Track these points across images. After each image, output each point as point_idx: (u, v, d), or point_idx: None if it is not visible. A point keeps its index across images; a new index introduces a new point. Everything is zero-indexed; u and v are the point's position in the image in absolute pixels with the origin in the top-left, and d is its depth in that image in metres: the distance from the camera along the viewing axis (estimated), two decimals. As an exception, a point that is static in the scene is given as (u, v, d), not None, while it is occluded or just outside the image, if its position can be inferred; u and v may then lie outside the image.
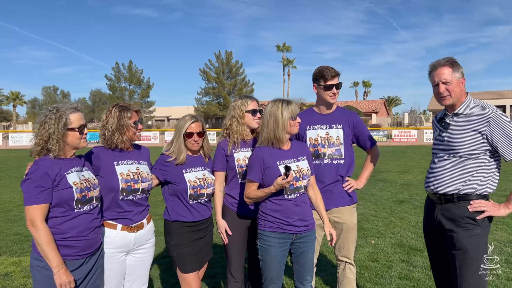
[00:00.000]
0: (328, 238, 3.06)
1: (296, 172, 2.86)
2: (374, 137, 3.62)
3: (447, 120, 2.78)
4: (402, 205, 8.40)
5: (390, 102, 74.32)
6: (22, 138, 34.81)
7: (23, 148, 32.10)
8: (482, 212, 2.64)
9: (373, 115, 57.40)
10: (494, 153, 2.68)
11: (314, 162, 3.31)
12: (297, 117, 2.89)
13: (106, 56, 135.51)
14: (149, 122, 60.09)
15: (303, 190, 2.89)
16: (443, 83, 2.72)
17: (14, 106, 67.95)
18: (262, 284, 2.98)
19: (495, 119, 2.60)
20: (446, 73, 2.72)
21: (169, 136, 33.47)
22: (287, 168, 2.68)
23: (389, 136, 33.25)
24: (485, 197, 2.70)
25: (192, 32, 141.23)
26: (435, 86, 2.77)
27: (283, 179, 2.67)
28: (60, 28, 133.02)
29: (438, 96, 2.78)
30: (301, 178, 2.87)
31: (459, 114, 2.74)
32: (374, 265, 4.95)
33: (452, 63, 2.72)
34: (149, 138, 34.55)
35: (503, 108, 49.82)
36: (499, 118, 2.60)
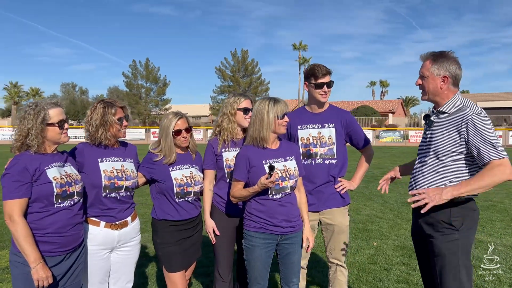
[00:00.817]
0: (305, 244, 2.93)
1: (282, 172, 2.80)
2: (390, 137, 3.51)
3: (432, 118, 2.63)
4: (410, 206, 8.21)
5: (407, 102, 73.25)
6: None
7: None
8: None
9: (390, 115, 56.74)
10: (473, 156, 2.48)
11: (306, 162, 3.25)
12: (285, 116, 2.82)
13: (124, 54, 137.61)
14: (165, 120, 60.43)
15: (289, 190, 2.83)
16: (420, 77, 2.60)
17: (34, 102, 69.26)
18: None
19: (474, 120, 2.39)
20: (424, 66, 2.58)
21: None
22: (271, 168, 2.62)
23: (406, 137, 32.75)
24: (466, 200, 2.52)
25: (209, 30, 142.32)
26: None
27: (266, 179, 2.61)
28: (80, 26, 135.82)
29: None
30: (287, 178, 2.80)
31: (443, 112, 2.56)
32: (373, 268, 4.85)
33: (435, 57, 2.53)
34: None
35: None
36: (478, 120, 2.39)
